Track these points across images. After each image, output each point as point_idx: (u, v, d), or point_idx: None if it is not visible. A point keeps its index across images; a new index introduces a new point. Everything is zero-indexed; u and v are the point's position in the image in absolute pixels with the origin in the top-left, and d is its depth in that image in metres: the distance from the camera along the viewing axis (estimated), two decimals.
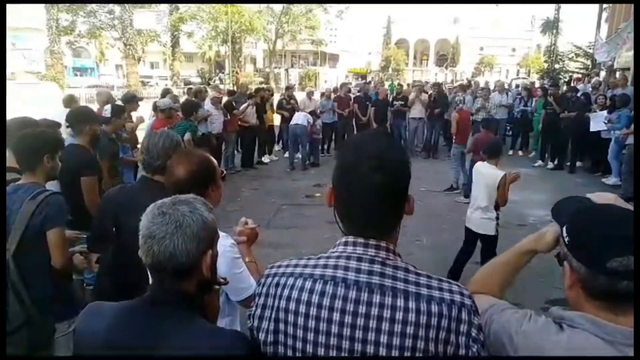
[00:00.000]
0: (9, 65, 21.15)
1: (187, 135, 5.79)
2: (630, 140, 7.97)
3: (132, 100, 6.46)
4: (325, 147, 12.18)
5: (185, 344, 1.09)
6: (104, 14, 30.45)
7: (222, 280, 1.47)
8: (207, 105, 8.88)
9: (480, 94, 11.25)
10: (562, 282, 1.16)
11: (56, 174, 2.56)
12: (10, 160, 2.79)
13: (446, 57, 66.07)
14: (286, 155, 11.24)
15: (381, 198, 1.02)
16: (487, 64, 64.01)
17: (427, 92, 12.41)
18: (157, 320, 1.13)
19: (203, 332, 1.13)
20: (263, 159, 11.19)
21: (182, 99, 8.42)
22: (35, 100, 11.95)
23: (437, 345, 0.97)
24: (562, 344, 1.02)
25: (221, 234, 1.74)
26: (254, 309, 1.11)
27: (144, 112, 7.09)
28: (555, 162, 10.59)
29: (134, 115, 6.64)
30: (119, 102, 6.12)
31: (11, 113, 3.20)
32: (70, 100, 6.66)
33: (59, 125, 3.25)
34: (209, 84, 26.87)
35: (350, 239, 1.07)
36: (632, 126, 7.92)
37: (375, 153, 1.04)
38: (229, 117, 9.34)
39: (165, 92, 9.13)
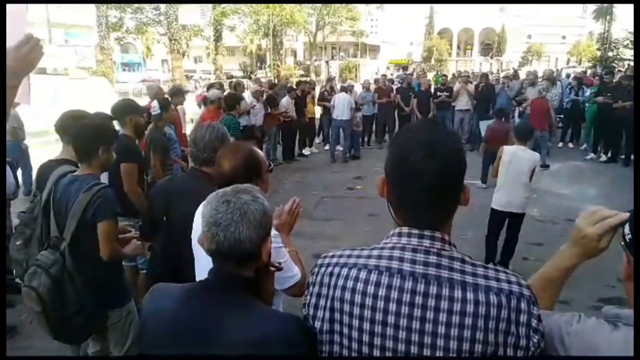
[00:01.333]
0: (62, 61, 22.10)
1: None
2: None
3: (178, 93, 6.63)
4: (365, 139, 12.10)
5: (246, 327, 1.12)
6: (151, 10, 31.33)
7: (277, 264, 1.52)
8: (249, 98, 9.01)
9: (541, 83, 10.78)
10: (616, 279, 1.12)
11: (110, 165, 2.66)
12: (65, 152, 2.92)
13: (491, 47, 64.12)
14: (326, 147, 11.26)
15: (436, 186, 1.00)
16: (535, 53, 61.64)
17: (472, 83, 12.08)
18: (219, 303, 1.16)
19: (263, 315, 1.17)
20: (304, 151, 11.25)
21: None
22: (87, 95, 12.50)
23: (497, 336, 0.95)
24: (618, 342, 0.97)
25: None
26: (308, 297, 1.12)
27: (189, 106, 7.25)
28: (609, 154, 10.10)
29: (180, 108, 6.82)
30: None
31: (65, 107, 3.34)
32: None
33: (112, 118, 3.38)
34: (250, 78, 27.23)
35: (405, 229, 1.06)
36: None
37: (428, 140, 1.02)
38: (269, 110, 9.41)
39: (210, 87, 9.35)
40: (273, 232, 1.82)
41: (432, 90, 11.93)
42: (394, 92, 11.86)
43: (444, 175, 1.00)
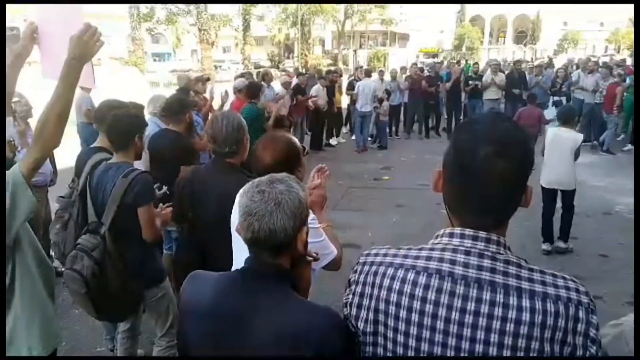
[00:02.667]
0: None
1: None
2: None
3: (198, 81, 6.70)
4: (393, 129, 11.98)
5: (281, 318, 1.13)
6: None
7: (314, 255, 1.53)
8: (278, 87, 9.04)
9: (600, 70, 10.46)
10: None
11: (141, 153, 2.75)
12: (101, 141, 3.01)
13: (525, 34, 62.34)
14: (353, 137, 11.21)
15: (502, 186, 0.95)
16: (571, 40, 59.56)
17: (503, 72, 11.79)
18: (254, 292, 1.18)
19: (298, 306, 1.18)
20: (331, 141, 11.23)
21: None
22: (119, 84, 12.78)
23: (552, 345, 0.91)
24: None
25: None
26: (350, 296, 1.09)
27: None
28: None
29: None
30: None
31: (100, 97, 3.44)
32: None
33: (143, 107, 3.45)
34: (278, 67, 27.27)
35: (457, 230, 1.01)
36: None
37: (498, 136, 0.96)
38: (295, 100, 9.42)
39: (240, 76, 9.43)
40: (312, 214, 1.85)
41: (463, 78, 11.72)
42: (424, 80, 11.68)
43: (512, 174, 0.95)
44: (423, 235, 1.13)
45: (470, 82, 11.30)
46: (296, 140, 1.98)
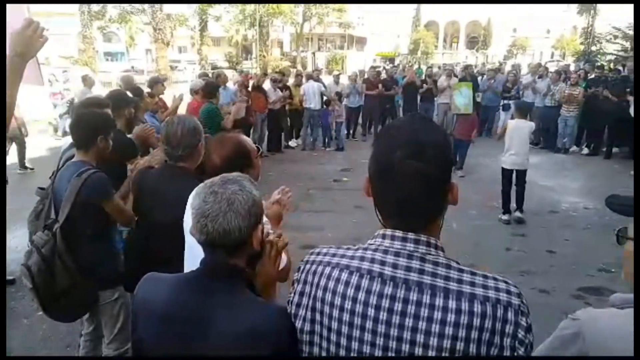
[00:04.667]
0: (43, 50, 21.62)
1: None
2: None
3: (157, 82, 6.55)
4: (351, 131, 12.11)
5: (237, 317, 1.13)
6: None
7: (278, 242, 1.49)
8: (233, 88, 8.98)
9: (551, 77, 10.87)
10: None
11: (107, 154, 2.67)
12: None
13: (477, 40, 64.34)
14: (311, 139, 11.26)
15: (420, 188, 0.96)
16: (520, 47, 62.02)
17: (457, 76, 12.15)
18: (210, 293, 1.17)
19: (254, 306, 1.18)
20: (290, 143, 11.22)
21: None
22: (69, 85, 12.29)
23: (479, 347, 0.92)
24: (626, 319, 1.04)
25: None
26: (292, 295, 1.10)
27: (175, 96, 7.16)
28: (591, 147, 10.28)
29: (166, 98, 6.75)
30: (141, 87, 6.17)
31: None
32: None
33: (108, 104, 3.32)
34: (235, 68, 26.98)
35: (388, 232, 1.03)
36: None
37: (412, 138, 0.98)
38: (249, 102, 9.35)
39: (203, 75, 9.30)
40: (265, 219, 1.85)
41: (418, 82, 12.01)
42: (380, 84, 11.88)
43: (427, 176, 0.96)
44: None
45: (425, 85, 11.60)
46: (248, 140, 1.96)
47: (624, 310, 1.07)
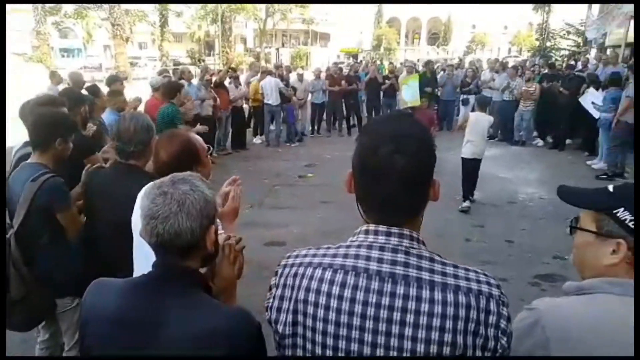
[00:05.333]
0: None
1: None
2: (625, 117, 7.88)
3: (115, 81, 6.37)
4: (316, 127, 12.15)
5: (191, 321, 1.10)
6: None
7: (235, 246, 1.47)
8: (197, 84, 8.84)
9: (509, 72, 11.11)
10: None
11: (66, 157, 2.58)
12: None
13: (438, 36, 65.48)
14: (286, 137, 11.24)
15: (404, 182, 0.97)
16: (479, 42, 63.51)
17: (418, 72, 12.37)
18: (163, 297, 1.14)
19: (208, 309, 1.15)
20: (254, 140, 11.16)
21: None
22: (23, 83, 11.80)
23: (465, 337, 0.93)
24: (581, 305, 1.08)
25: None
26: (271, 300, 1.07)
27: (138, 93, 7.00)
28: (547, 140, 10.65)
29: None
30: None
31: None
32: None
33: (63, 103, 3.20)
34: (198, 65, 26.49)
35: (372, 227, 1.03)
36: (623, 105, 7.87)
37: (398, 133, 0.99)
38: (217, 99, 9.25)
39: (162, 72, 9.08)
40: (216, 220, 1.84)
41: (380, 78, 12.16)
42: (344, 80, 11.96)
43: (413, 170, 0.97)
44: (347, 231, 1.15)
45: (387, 80, 11.76)
46: (197, 138, 1.92)
47: (581, 297, 1.11)
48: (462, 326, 0.93)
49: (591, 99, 8.77)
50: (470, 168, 6.57)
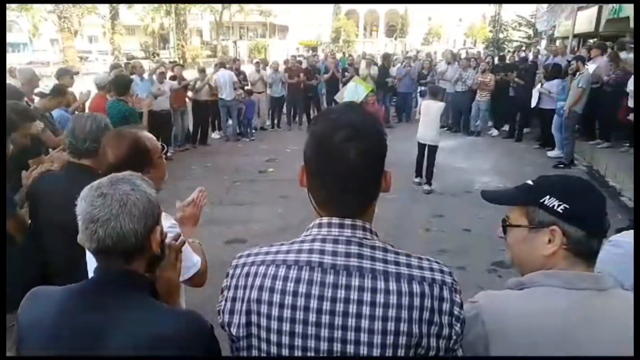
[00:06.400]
0: None
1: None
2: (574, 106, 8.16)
3: (65, 74, 6.06)
4: (276, 121, 12.05)
5: (137, 327, 1.05)
6: None
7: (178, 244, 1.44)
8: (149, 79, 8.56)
9: (462, 64, 11.32)
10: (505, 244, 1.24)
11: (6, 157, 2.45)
12: None
13: (395, 28, 66.22)
14: (238, 131, 11.09)
15: (359, 168, 0.96)
16: (435, 34, 64.70)
17: (376, 64, 12.46)
18: (106, 304, 1.08)
19: (155, 313, 1.10)
20: (213, 135, 10.96)
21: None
22: None
23: (420, 326, 0.93)
24: (520, 298, 1.12)
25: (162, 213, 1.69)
26: (223, 303, 1.03)
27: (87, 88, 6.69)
28: (504, 129, 10.93)
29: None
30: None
31: None
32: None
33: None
34: (153, 58, 25.79)
35: (325, 220, 1.01)
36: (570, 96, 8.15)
37: (351, 121, 0.98)
38: (172, 93, 9.01)
39: (115, 67, 8.69)
40: (170, 222, 1.77)
41: (337, 72, 12.21)
42: (302, 72, 11.90)
43: (367, 157, 0.97)
44: (308, 225, 1.12)
45: (347, 73, 11.79)
46: (149, 137, 1.82)
47: (518, 292, 1.14)
48: (417, 315, 0.93)
49: (547, 88, 8.98)
50: (423, 151, 7.01)
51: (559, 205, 1.10)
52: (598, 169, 7.97)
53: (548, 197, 1.12)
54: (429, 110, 6.91)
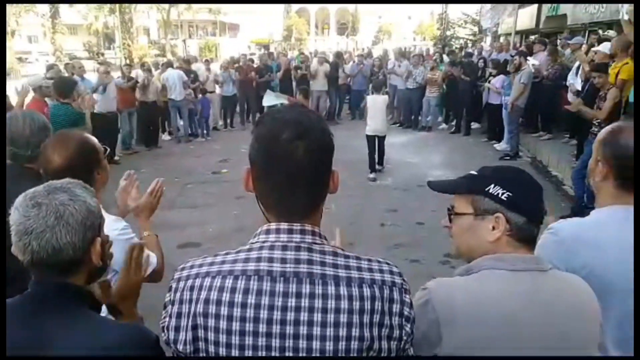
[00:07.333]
0: None
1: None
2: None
3: None
4: (228, 121, 11.88)
5: (74, 343, 0.99)
6: None
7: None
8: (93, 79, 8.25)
9: (413, 61, 11.47)
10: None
11: None
12: None
13: (347, 26, 66.83)
14: (190, 131, 10.86)
15: (306, 167, 0.95)
16: (386, 32, 65.77)
17: (328, 62, 12.51)
18: (41, 320, 1.02)
19: (95, 327, 1.04)
20: (163, 137, 10.67)
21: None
22: None
23: (371, 330, 0.92)
24: (467, 282, 1.15)
25: (111, 217, 1.64)
26: (167, 319, 0.98)
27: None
28: (453, 123, 11.23)
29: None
30: None
31: None
32: None
33: None
34: (97, 59, 24.82)
35: (273, 226, 0.99)
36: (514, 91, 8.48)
37: (297, 121, 0.96)
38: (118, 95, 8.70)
39: (51, 67, 8.27)
40: (122, 224, 1.71)
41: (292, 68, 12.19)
42: (254, 71, 11.79)
43: (315, 155, 0.95)
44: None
45: (299, 70, 11.80)
46: (93, 139, 1.77)
47: (466, 277, 1.17)
48: (368, 319, 0.92)
49: (494, 84, 9.29)
50: (374, 144, 7.48)
51: (502, 194, 1.14)
52: (541, 159, 8.34)
53: (492, 185, 1.16)
54: (375, 103, 7.46)
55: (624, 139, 1.39)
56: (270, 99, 8.89)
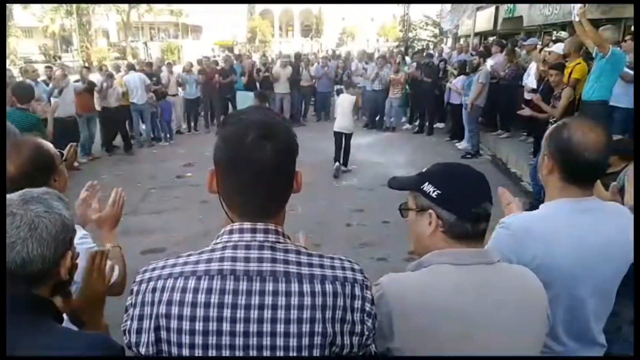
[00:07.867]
0: None
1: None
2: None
3: None
4: (192, 124, 11.71)
5: (36, 354, 0.97)
6: None
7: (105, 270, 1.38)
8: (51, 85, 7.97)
9: (379, 62, 11.60)
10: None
11: None
12: None
13: (311, 28, 66.94)
14: (152, 135, 10.63)
15: (272, 167, 0.96)
16: (350, 34, 66.24)
17: (291, 65, 12.51)
18: (9, 332, 0.99)
19: (59, 339, 1.02)
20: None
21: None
22: None
23: (334, 325, 0.94)
24: (417, 277, 1.19)
25: None
26: (128, 322, 0.97)
27: None
28: (417, 124, 11.42)
29: None
30: None
31: None
32: None
33: None
34: (54, 62, 24.02)
35: (236, 226, 0.99)
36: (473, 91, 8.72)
37: (263, 121, 0.98)
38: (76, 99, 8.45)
39: None
40: (82, 233, 1.67)
41: (255, 70, 12.14)
42: (218, 74, 11.66)
43: (281, 155, 0.97)
44: None
45: (261, 73, 11.79)
46: (48, 144, 1.72)
47: (416, 272, 1.22)
48: (330, 314, 0.94)
49: (454, 84, 9.51)
50: (340, 140, 7.84)
51: (434, 191, 1.20)
52: (501, 157, 8.60)
53: (427, 183, 1.22)
54: (343, 102, 7.89)
55: (567, 134, 1.44)
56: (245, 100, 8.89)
